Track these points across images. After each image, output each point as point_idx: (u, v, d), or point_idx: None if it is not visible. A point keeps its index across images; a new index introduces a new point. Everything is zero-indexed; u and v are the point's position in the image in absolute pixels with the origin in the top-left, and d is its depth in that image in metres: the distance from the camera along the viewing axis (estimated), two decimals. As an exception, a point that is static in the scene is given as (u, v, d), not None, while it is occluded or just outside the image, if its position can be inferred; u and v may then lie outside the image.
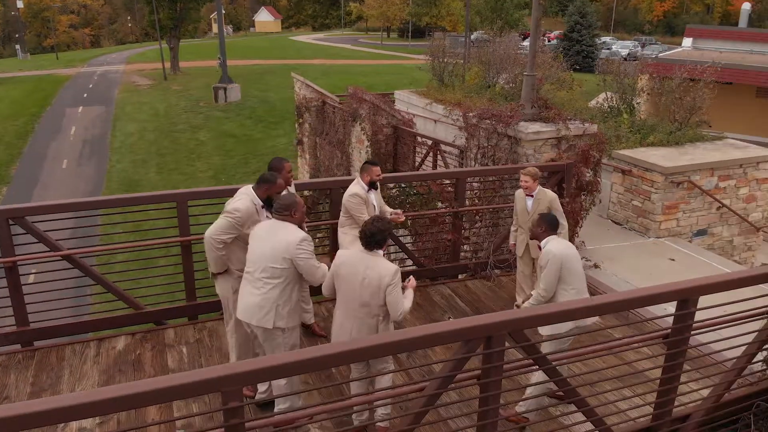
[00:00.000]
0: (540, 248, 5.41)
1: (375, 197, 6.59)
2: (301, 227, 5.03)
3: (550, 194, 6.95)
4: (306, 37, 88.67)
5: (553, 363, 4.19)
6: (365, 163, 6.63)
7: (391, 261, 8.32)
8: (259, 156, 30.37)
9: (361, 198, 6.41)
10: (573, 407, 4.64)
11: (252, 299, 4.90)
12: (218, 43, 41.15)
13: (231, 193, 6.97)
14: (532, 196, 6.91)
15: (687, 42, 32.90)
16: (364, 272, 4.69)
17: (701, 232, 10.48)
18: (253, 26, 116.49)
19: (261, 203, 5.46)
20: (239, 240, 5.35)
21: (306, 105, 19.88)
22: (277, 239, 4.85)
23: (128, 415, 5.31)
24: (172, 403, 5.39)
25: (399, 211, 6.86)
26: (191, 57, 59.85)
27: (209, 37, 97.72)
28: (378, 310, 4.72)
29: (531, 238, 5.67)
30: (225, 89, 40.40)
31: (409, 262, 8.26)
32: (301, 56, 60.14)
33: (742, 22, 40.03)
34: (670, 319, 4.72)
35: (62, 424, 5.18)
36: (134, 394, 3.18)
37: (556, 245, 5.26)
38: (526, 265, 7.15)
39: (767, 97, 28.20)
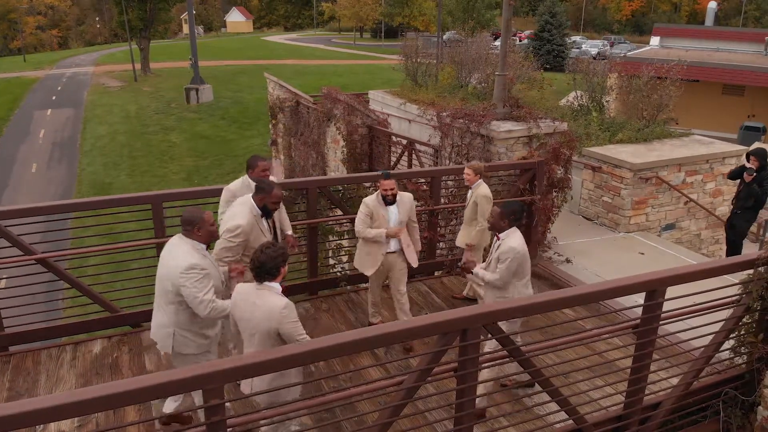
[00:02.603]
0: (498, 237, 5.44)
1: (395, 212, 6.34)
2: (209, 244, 4.75)
3: (483, 190, 6.87)
4: (278, 38, 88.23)
5: (527, 354, 4.30)
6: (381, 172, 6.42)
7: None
8: (233, 157, 30.21)
9: (368, 207, 6.27)
10: (547, 397, 4.75)
11: (155, 320, 4.82)
12: (189, 43, 40.81)
13: (206, 193, 7.03)
14: (471, 188, 6.97)
15: (655, 41, 33.61)
16: (253, 309, 4.20)
17: (670, 227, 10.74)
18: (225, 26, 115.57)
19: (260, 212, 5.40)
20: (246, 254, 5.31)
21: (280, 105, 19.83)
22: (169, 258, 4.59)
23: (107, 416, 5.31)
24: (150, 404, 5.40)
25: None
26: (162, 58, 59.18)
27: (179, 38, 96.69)
28: (276, 345, 4.19)
29: (490, 229, 5.63)
30: (197, 90, 40.09)
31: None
32: (273, 56, 59.86)
33: (709, 20, 41.00)
34: (640, 311, 4.86)
35: (41, 427, 5.18)
36: (117, 393, 3.20)
37: (518, 242, 5.32)
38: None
39: (732, 94, 28.88)
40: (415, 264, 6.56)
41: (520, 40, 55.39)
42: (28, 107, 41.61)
